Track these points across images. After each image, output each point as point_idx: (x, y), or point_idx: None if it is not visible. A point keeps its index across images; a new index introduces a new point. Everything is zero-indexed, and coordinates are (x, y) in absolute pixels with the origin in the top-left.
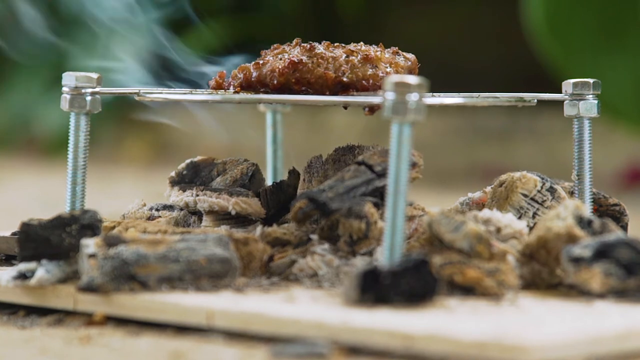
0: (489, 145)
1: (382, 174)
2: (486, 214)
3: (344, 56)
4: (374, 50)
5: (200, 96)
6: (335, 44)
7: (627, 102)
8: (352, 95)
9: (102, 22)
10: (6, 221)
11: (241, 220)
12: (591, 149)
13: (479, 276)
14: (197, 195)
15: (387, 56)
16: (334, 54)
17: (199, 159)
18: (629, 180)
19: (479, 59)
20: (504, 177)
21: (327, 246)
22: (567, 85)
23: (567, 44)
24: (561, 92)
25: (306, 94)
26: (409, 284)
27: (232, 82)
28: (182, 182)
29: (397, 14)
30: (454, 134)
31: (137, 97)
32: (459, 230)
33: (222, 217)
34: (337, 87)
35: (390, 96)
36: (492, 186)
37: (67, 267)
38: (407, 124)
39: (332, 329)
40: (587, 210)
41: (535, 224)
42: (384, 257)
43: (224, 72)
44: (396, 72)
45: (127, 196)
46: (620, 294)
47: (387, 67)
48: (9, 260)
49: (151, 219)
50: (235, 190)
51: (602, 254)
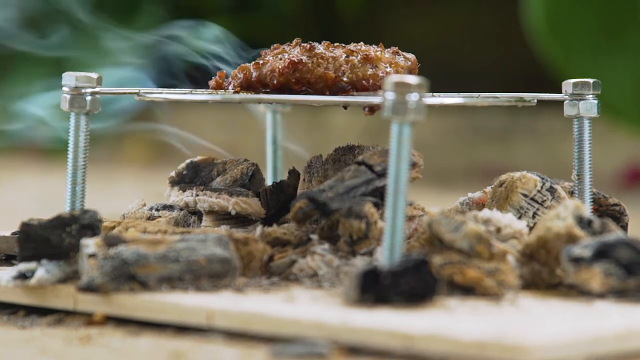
0: (489, 145)
1: (382, 174)
2: (486, 214)
3: (344, 56)
4: (374, 50)
5: (200, 96)
6: (335, 44)
7: (627, 102)
8: (352, 95)
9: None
10: (6, 221)
11: (241, 220)
12: (591, 149)
13: (479, 276)
14: (197, 195)
15: (387, 56)
16: (334, 54)
17: (199, 159)
18: (629, 180)
19: (479, 59)
20: (504, 177)
21: (327, 246)
22: (567, 85)
23: (567, 44)
24: (561, 92)
25: (306, 94)
26: (409, 284)
27: (232, 82)
28: (182, 182)
29: (397, 14)
30: (454, 134)
31: (137, 97)
32: (459, 230)
33: (222, 217)
34: (337, 87)
35: (390, 96)
36: (492, 186)
37: (67, 267)
38: (407, 124)
39: (332, 329)
40: (587, 210)
41: (535, 224)
42: (384, 257)
43: (224, 72)
44: (396, 72)
45: (127, 196)
46: (620, 294)
47: (387, 67)
48: (9, 260)
49: (151, 219)
50: (235, 190)
51: (602, 254)
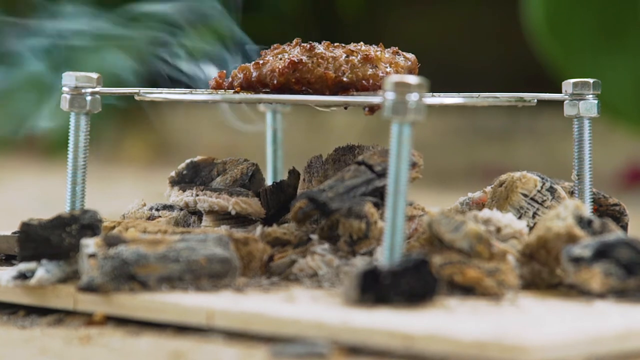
0: (489, 145)
1: (382, 174)
2: (486, 214)
3: (344, 56)
4: (374, 50)
5: (200, 96)
6: (335, 44)
7: (627, 102)
8: (352, 95)
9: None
10: (6, 221)
11: (241, 220)
12: (591, 149)
13: (479, 276)
14: (197, 195)
15: (387, 56)
16: (334, 54)
17: (199, 159)
18: (629, 180)
19: (479, 59)
20: (504, 177)
21: (327, 246)
22: (567, 85)
23: (567, 44)
24: (561, 92)
25: (306, 94)
26: (409, 284)
27: (233, 82)
28: (182, 182)
29: (397, 14)
30: (454, 134)
31: (137, 97)
32: (459, 230)
33: (222, 217)
34: (337, 87)
35: (390, 96)
36: (492, 186)
37: (67, 267)
38: (407, 124)
39: (332, 329)
40: (587, 210)
41: (535, 224)
42: (384, 257)
43: (224, 72)
44: (396, 72)
45: (127, 196)
46: (620, 294)
47: (387, 67)
48: (9, 260)
49: (151, 219)
50: (235, 190)
51: (602, 254)
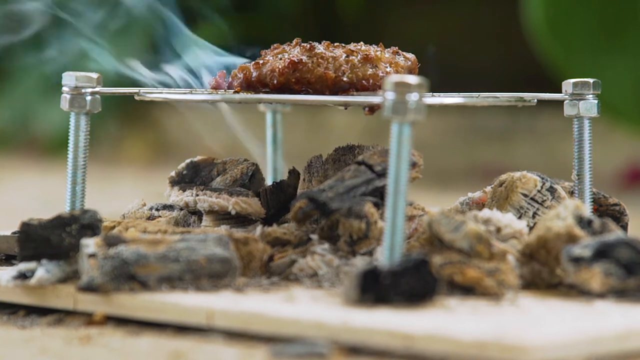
0: (489, 145)
1: (382, 174)
2: (486, 214)
3: (344, 56)
4: (374, 50)
5: (200, 96)
6: (335, 44)
7: (627, 102)
8: (352, 95)
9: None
10: (6, 221)
11: (241, 220)
12: (591, 149)
13: (479, 276)
14: (197, 195)
15: (387, 56)
16: (334, 54)
17: (199, 158)
18: (629, 180)
19: (479, 59)
20: (504, 177)
21: (327, 246)
22: (567, 85)
23: (567, 44)
24: (561, 92)
25: (306, 94)
26: (409, 284)
27: (233, 82)
28: (182, 182)
29: (397, 14)
30: (454, 134)
31: (137, 97)
32: (459, 230)
33: (222, 217)
34: (337, 87)
35: (390, 96)
36: (492, 186)
37: (67, 267)
38: (407, 124)
39: (332, 329)
40: (587, 210)
41: (535, 224)
42: (384, 257)
43: (224, 72)
44: (396, 72)
45: (127, 196)
46: (620, 294)
47: (387, 67)
48: (9, 260)
49: (151, 219)
50: (235, 190)
51: (602, 253)
